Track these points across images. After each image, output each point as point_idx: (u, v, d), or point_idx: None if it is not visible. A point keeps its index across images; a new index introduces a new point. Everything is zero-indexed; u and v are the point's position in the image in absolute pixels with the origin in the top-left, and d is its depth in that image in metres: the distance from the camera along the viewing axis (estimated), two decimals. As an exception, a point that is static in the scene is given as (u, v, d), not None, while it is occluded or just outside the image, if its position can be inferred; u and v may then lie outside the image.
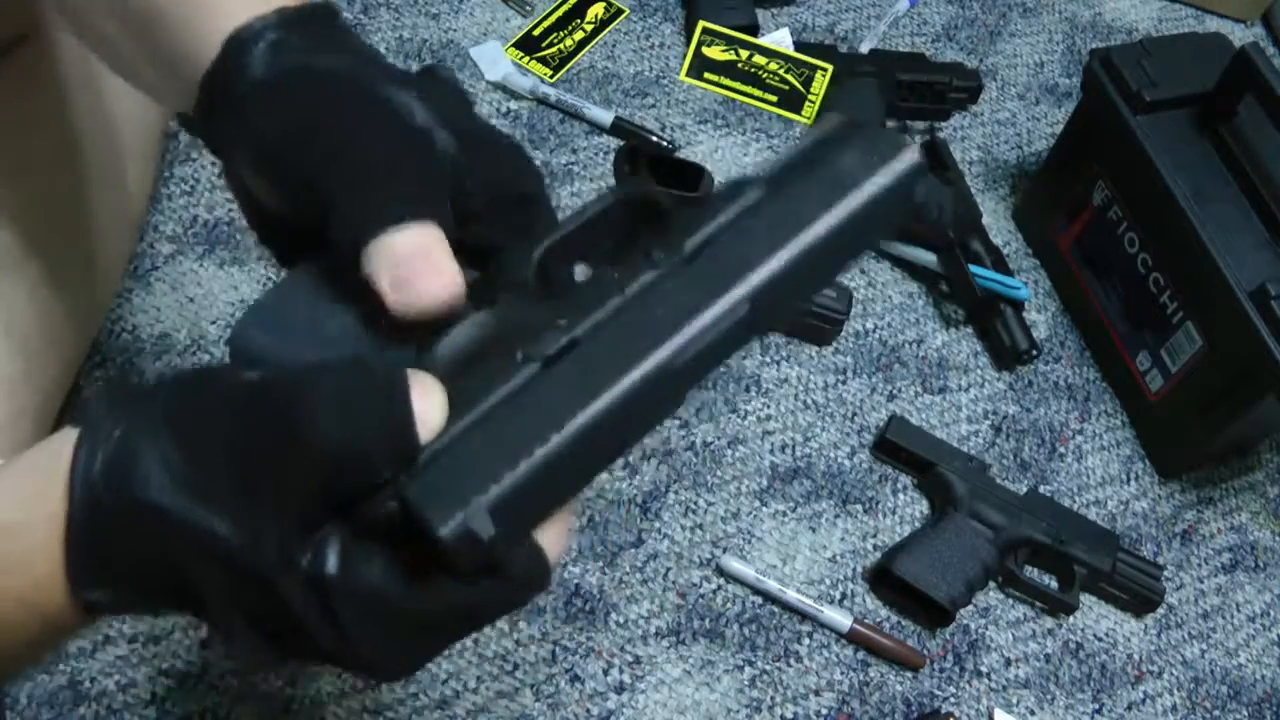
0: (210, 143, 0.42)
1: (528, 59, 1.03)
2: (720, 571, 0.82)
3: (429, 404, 0.34)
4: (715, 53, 1.06)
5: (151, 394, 0.36)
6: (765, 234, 0.38)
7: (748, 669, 0.79)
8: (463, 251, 0.39)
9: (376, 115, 0.39)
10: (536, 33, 1.05)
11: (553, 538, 0.37)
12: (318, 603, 0.33)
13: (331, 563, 0.33)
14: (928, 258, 0.97)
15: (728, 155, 1.02)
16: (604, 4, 1.08)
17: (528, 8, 1.07)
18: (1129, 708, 0.84)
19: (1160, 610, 0.88)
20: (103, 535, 0.34)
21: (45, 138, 0.69)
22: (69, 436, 0.35)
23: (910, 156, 0.40)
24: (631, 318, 0.37)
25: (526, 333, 0.37)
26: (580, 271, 0.42)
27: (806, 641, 0.81)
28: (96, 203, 0.74)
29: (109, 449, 0.34)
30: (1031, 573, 0.87)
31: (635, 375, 0.36)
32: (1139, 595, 0.86)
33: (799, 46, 1.08)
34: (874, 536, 0.86)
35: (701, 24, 1.06)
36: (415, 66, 1.05)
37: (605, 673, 0.76)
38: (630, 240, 0.41)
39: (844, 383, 0.92)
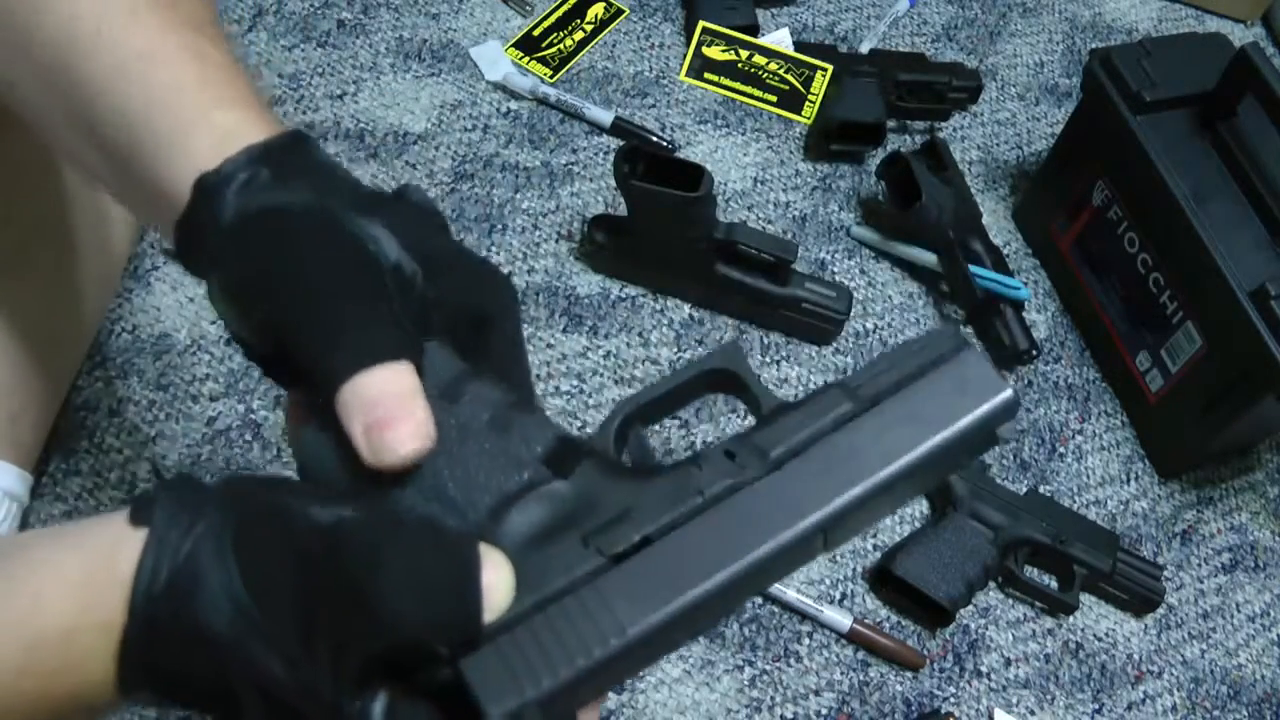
0: (196, 275, 0.42)
1: (528, 59, 1.03)
2: (720, 571, 0.81)
3: (498, 586, 0.35)
4: (715, 53, 1.06)
5: (219, 505, 0.36)
6: (849, 461, 0.38)
7: (748, 669, 0.79)
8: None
9: (344, 252, 0.39)
10: (536, 33, 1.05)
11: (589, 715, 0.38)
12: None
13: (378, 715, 0.34)
14: (928, 258, 0.97)
15: (728, 155, 1.02)
16: (604, 4, 1.08)
17: (528, 8, 1.07)
18: (1129, 708, 0.84)
19: (1160, 610, 0.88)
20: (158, 652, 0.35)
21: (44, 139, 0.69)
22: (126, 536, 0.35)
23: (1005, 398, 0.39)
24: (705, 528, 0.37)
25: (601, 514, 0.38)
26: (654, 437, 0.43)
27: (806, 641, 0.81)
28: (96, 202, 0.74)
29: (174, 566, 0.34)
30: (1031, 573, 0.87)
31: (699, 590, 0.36)
32: (1139, 595, 0.86)
33: (799, 46, 1.08)
34: (874, 536, 0.86)
35: (701, 24, 1.06)
36: (415, 67, 1.05)
37: None
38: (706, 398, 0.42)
39: (844, 383, 0.92)
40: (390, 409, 0.37)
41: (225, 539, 0.35)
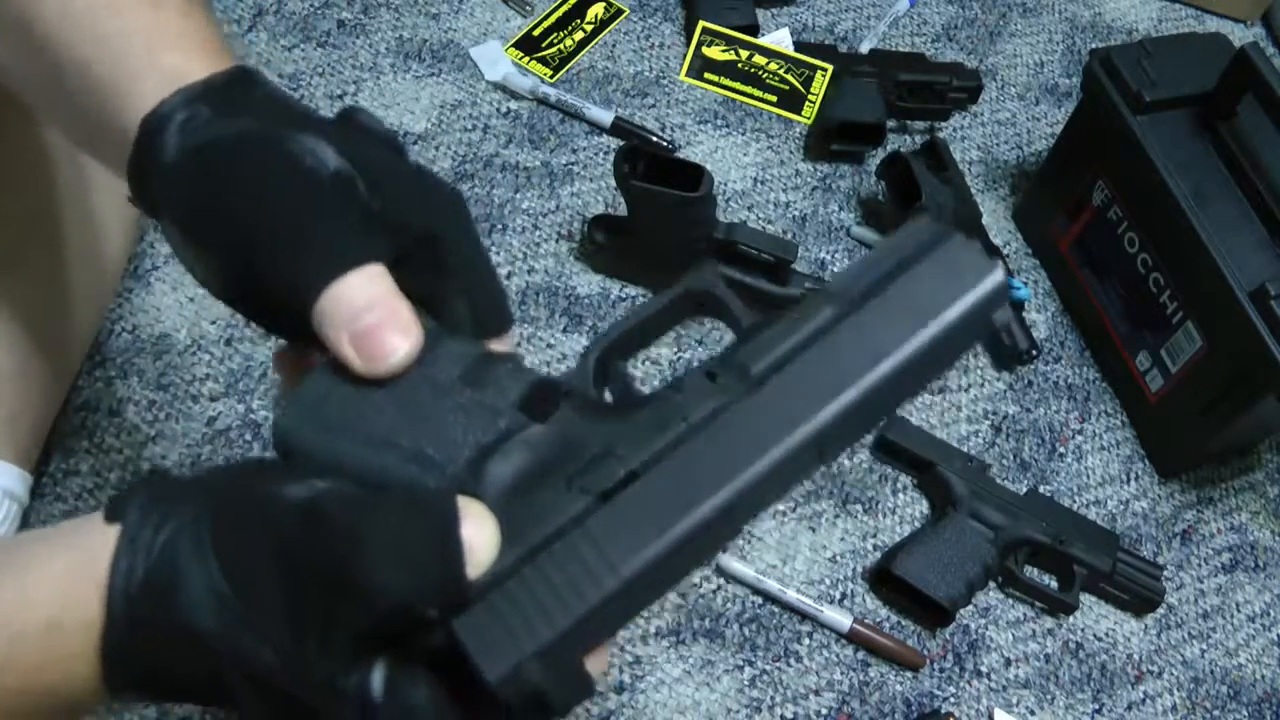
0: (154, 217, 0.42)
1: (528, 59, 1.03)
2: (720, 571, 0.81)
3: (481, 540, 0.34)
4: (715, 53, 1.06)
5: (192, 498, 0.35)
6: (835, 367, 0.36)
7: (748, 669, 0.79)
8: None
9: (286, 169, 0.39)
10: (536, 33, 1.05)
11: (594, 659, 0.37)
12: None
13: (377, 687, 0.33)
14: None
15: (728, 155, 1.02)
16: (604, 4, 1.08)
17: (528, 8, 1.07)
18: (1129, 708, 0.84)
19: (1160, 610, 0.88)
20: (143, 649, 0.34)
21: (43, 137, 0.69)
22: (105, 533, 0.35)
23: (994, 279, 0.37)
24: (692, 453, 0.35)
25: (584, 454, 0.36)
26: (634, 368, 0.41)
27: (806, 641, 0.81)
28: (96, 202, 0.74)
29: (149, 563, 0.34)
30: (1031, 573, 0.87)
31: (692, 519, 0.34)
32: (1139, 595, 0.86)
33: (799, 46, 1.08)
34: (874, 536, 0.86)
35: (701, 24, 1.06)
36: (415, 67, 1.05)
37: (605, 673, 0.76)
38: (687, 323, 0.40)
39: (844, 383, 0.92)
40: (374, 314, 0.37)
41: (202, 531, 0.34)
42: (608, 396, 0.40)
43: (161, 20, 0.43)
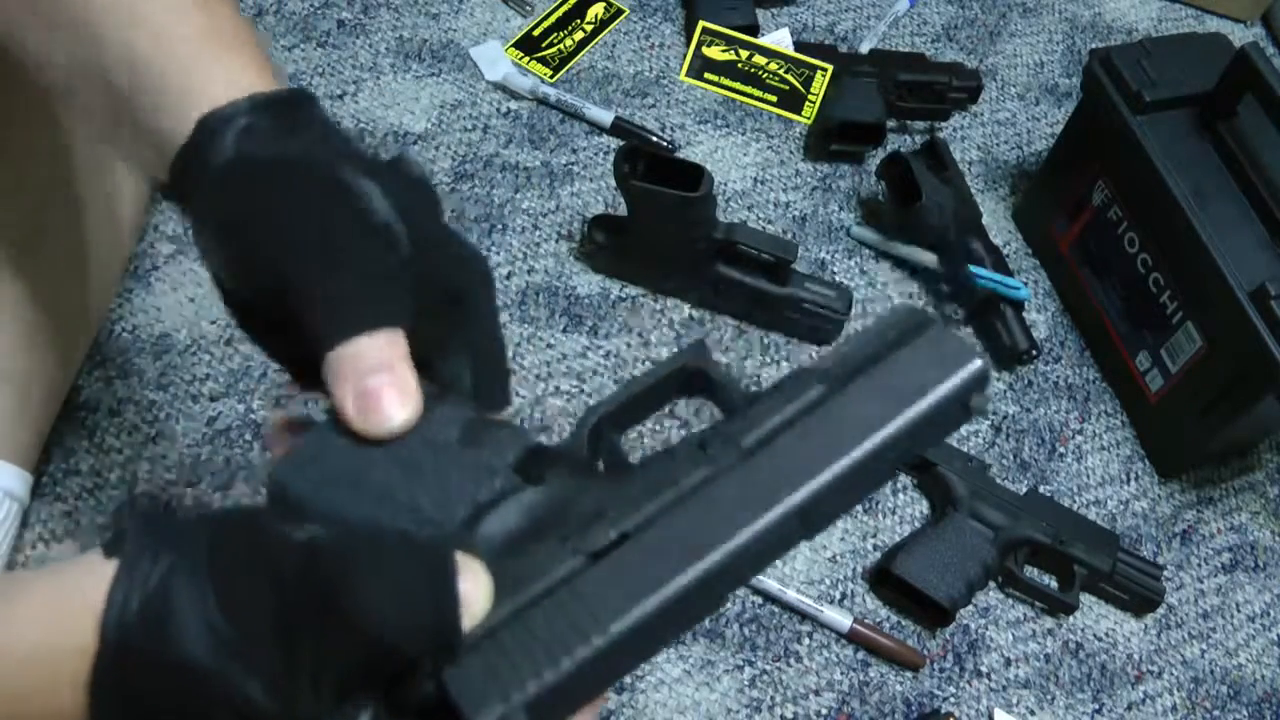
0: (183, 214, 0.42)
1: (528, 59, 1.03)
2: (720, 571, 0.81)
3: (475, 592, 0.35)
4: (715, 53, 1.06)
5: (191, 534, 0.35)
6: (822, 441, 0.37)
7: (748, 669, 0.79)
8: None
9: (338, 206, 0.39)
10: (536, 33, 1.05)
11: (584, 717, 0.37)
12: None
13: None
14: (928, 258, 0.97)
15: (728, 155, 1.02)
16: (604, 4, 1.08)
17: (528, 8, 1.07)
18: (1129, 708, 0.84)
19: (1160, 610, 0.88)
20: (131, 680, 0.34)
21: (43, 137, 0.69)
22: (101, 567, 0.35)
23: (974, 366, 0.39)
24: (682, 519, 0.37)
25: (576, 517, 0.37)
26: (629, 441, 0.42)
27: (806, 641, 0.81)
28: (96, 202, 0.74)
29: (146, 593, 0.34)
30: (1031, 573, 0.87)
31: (680, 582, 0.35)
32: (1139, 595, 0.86)
33: (799, 46, 1.08)
34: (874, 536, 0.86)
35: (701, 24, 1.06)
36: (415, 67, 1.05)
37: None
38: (680, 398, 0.41)
39: (844, 383, 0.92)
40: (381, 377, 0.37)
41: (199, 564, 0.34)
42: (600, 466, 0.41)
43: (215, 23, 0.43)
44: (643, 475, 0.38)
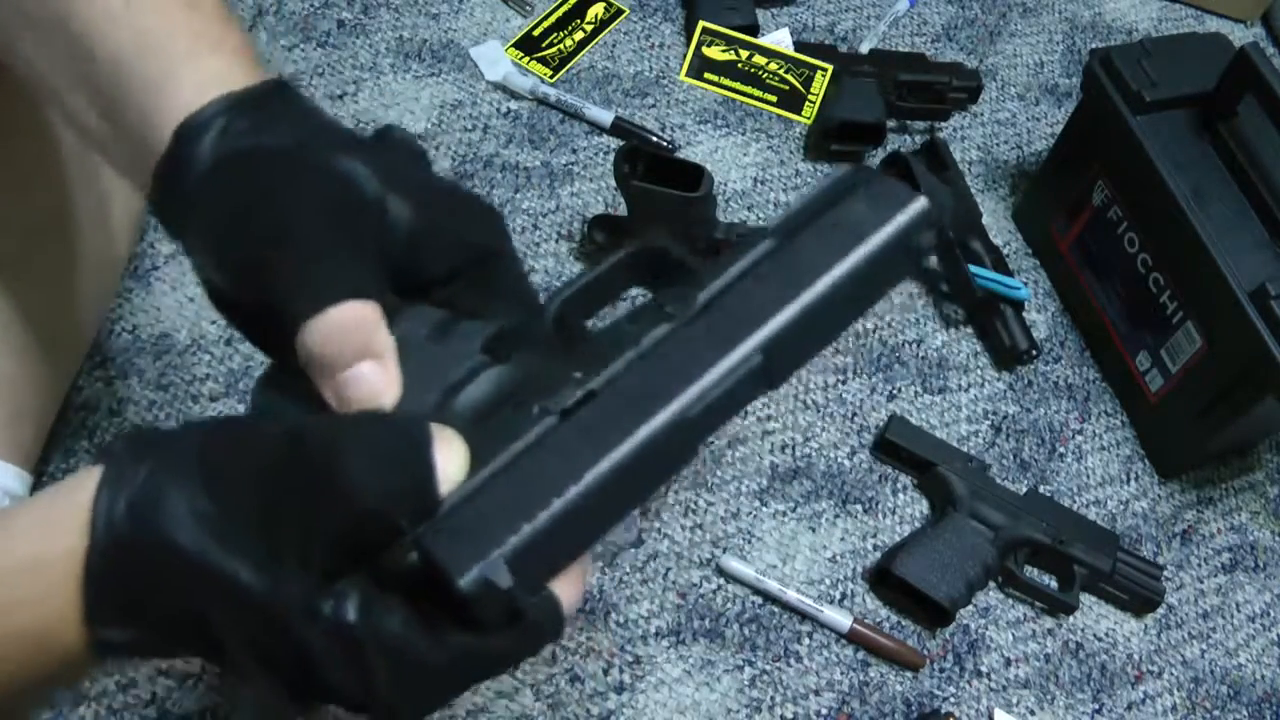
0: (167, 228, 0.43)
1: (528, 59, 1.03)
2: (720, 571, 0.82)
3: (450, 457, 0.36)
4: (715, 53, 1.06)
5: (178, 438, 0.36)
6: (776, 285, 0.39)
7: (748, 669, 0.79)
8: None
9: (319, 190, 0.39)
10: (536, 33, 1.05)
11: (568, 587, 0.37)
12: (338, 649, 0.34)
13: (352, 611, 0.34)
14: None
15: (728, 155, 1.02)
16: (604, 4, 1.08)
17: (528, 8, 1.07)
18: (1129, 708, 0.84)
19: (1160, 610, 0.88)
20: (123, 573, 0.34)
21: (44, 137, 0.69)
22: (90, 474, 0.35)
23: (917, 206, 0.40)
24: (646, 370, 0.37)
25: (544, 385, 0.38)
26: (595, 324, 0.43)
27: (806, 641, 0.81)
28: (94, 202, 0.74)
29: (134, 488, 0.34)
30: (1031, 573, 0.87)
31: (650, 427, 0.36)
32: (1139, 595, 0.86)
33: (799, 46, 1.08)
34: (874, 536, 0.86)
35: (701, 24, 1.06)
36: (415, 67, 1.05)
37: (605, 673, 0.77)
38: (646, 287, 0.42)
39: (844, 383, 0.92)
40: (349, 350, 0.38)
41: (187, 461, 0.35)
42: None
43: (198, 22, 0.43)
44: (604, 340, 0.39)
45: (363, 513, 0.34)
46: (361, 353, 0.38)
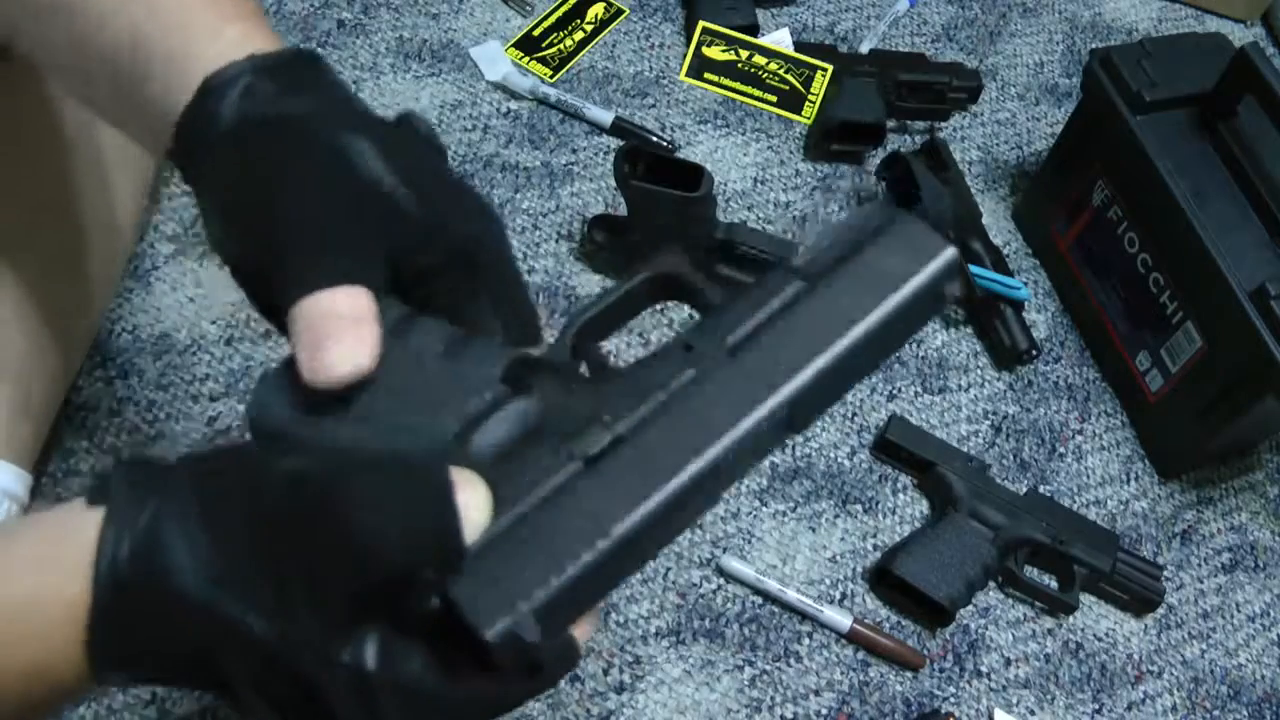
0: (185, 177, 0.43)
1: (528, 59, 1.03)
2: (720, 571, 0.82)
3: (474, 504, 0.35)
4: (715, 53, 1.06)
5: (178, 476, 0.35)
6: (806, 335, 0.38)
7: (748, 669, 0.79)
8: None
9: (330, 169, 0.39)
10: (536, 33, 1.05)
11: (582, 627, 0.37)
12: (354, 697, 0.33)
13: (371, 657, 0.33)
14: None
15: (728, 155, 1.02)
16: (604, 4, 1.08)
17: (528, 8, 1.07)
18: (1129, 708, 0.84)
19: (1160, 610, 0.88)
20: (127, 621, 0.34)
21: (43, 137, 0.69)
22: (87, 515, 0.34)
23: (947, 256, 0.40)
24: (674, 418, 0.37)
25: (568, 423, 0.37)
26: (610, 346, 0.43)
27: (806, 641, 0.81)
28: (96, 202, 0.74)
29: (135, 535, 0.34)
30: (1031, 573, 0.87)
31: (678, 481, 0.36)
32: (1139, 595, 0.86)
33: (799, 46, 1.08)
34: (874, 536, 0.86)
35: (701, 24, 1.06)
36: (415, 67, 1.05)
37: (605, 673, 0.77)
38: (658, 308, 0.42)
39: (844, 383, 0.92)
40: (333, 328, 0.37)
41: (186, 503, 0.34)
42: (584, 371, 0.42)
43: None
44: (631, 377, 0.39)
45: (376, 565, 0.33)
46: (339, 330, 0.37)
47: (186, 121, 0.40)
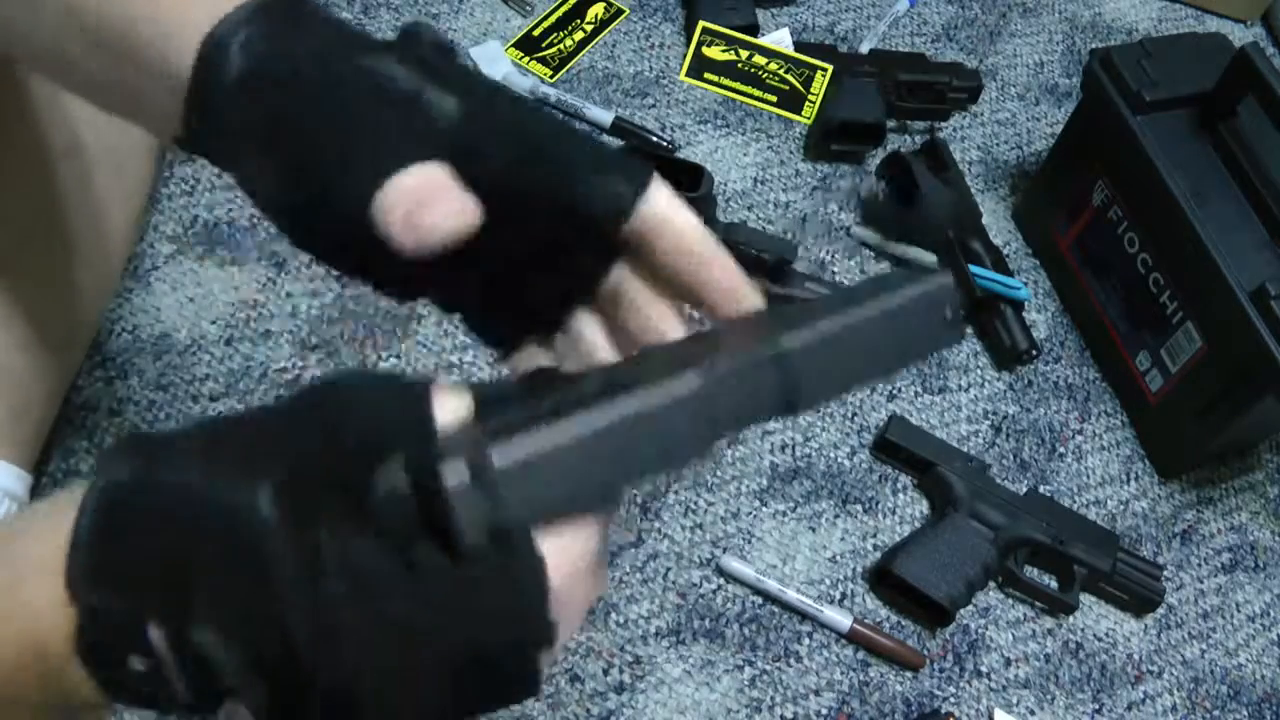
0: (209, 156, 0.42)
1: (528, 59, 1.03)
2: (720, 571, 0.82)
3: (448, 394, 0.34)
4: (715, 53, 1.06)
5: (171, 431, 0.36)
6: (805, 313, 0.39)
7: (748, 669, 0.79)
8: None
9: (357, 88, 0.39)
10: (536, 33, 1.05)
11: (589, 579, 0.35)
12: (303, 580, 0.31)
13: (327, 533, 0.31)
14: (928, 258, 0.97)
15: (728, 155, 1.02)
16: (604, 4, 1.08)
17: (528, 8, 1.07)
18: (1129, 708, 0.84)
19: (1160, 610, 0.88)
20: (107, 523, 0.33)
21: (43, 136, 0.69)
22: (78, 489, 0.34)
23: (943, 280, 0.42)
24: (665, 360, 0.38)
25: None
26: None
27: (806, 641, 0.81)
28: (97, 201, 0.74)
29: (131, 452, 0.34)
30: (1031, 573, 0.87)
31: (663, 394, 0.35)
32: (1139, 595, 0.86)
33: (799, 46, 1.08)
34: (874, 536, 0.86)
35: (701, 24, 1.06)
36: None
37: (605, 673, 0.77)
38: None
39: (844, 383, 0.92)
40: (427, 195, 0.37)
41: (182, 436, 0.34)
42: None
43: None
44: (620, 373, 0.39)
45: (354, 429, 0.33)
46: (444, 197, 0.37)
47: (193, 94, 0.40)
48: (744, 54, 1.06)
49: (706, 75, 1.06)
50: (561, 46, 1.05)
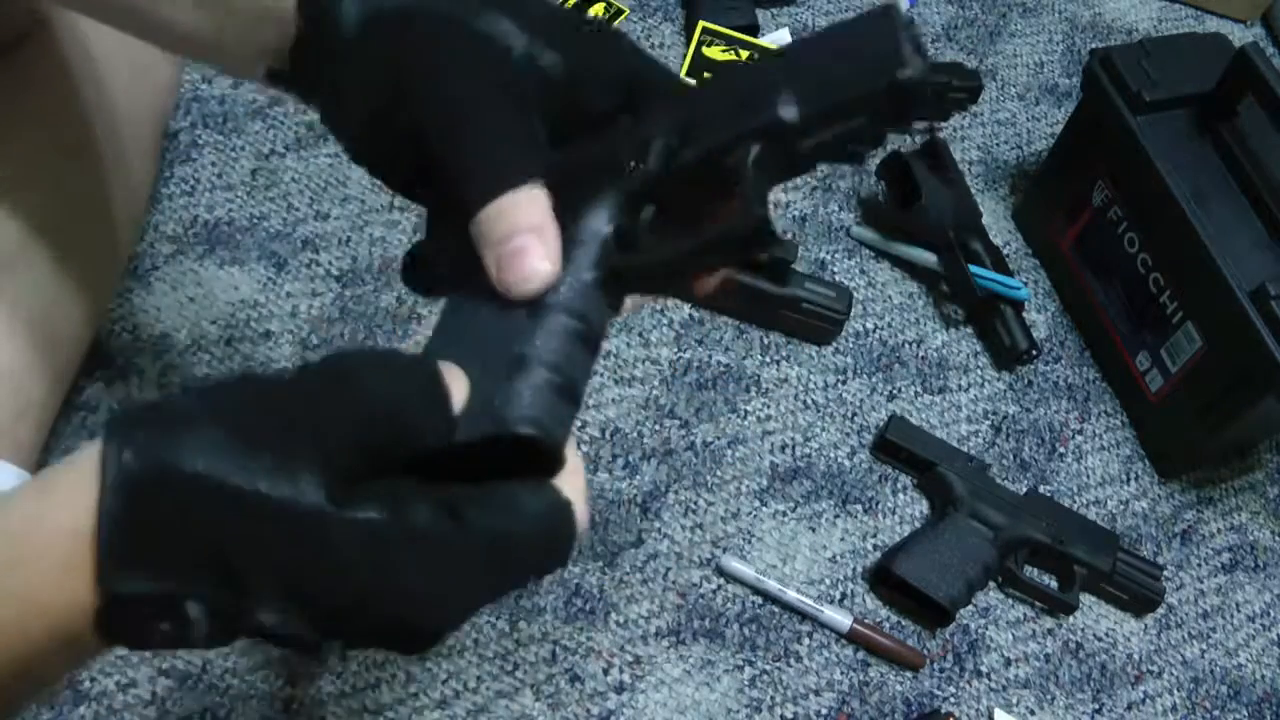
0: (303, 96, 0.43)
1: (528, 59, 1.03)
2: (720, 571, 0.82)
3: (455, 375, 0.37)
4: (715, 53, 1.06)
5: (184, 392, 0.37)
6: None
7: (748, 669, 0.79)
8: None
9: (477, 57, 0.40)
10: (536, 33, 1.05)
11: (578, 503, 0.38)
12: (369, 552, 0.33)
13: (376, 509, 0.34)
14: (928, 258, 0.97)
15: (728, 155, 1.02)
16: (604, 4, 1.08)
17: (528, 8, 1.07)
18: (1129, 708, 0.84)
19: (1160, 610, 0.88)
20: (138, 512, 0.33)
21: (44, 137, 0.69)
22: (92, 445, 0.34)
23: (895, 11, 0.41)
24: None
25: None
26: None
27: (806, 641, 0.81)
28: (96, 201, 0.74)
29: (141, 434, 0.33)
30: (1031, 573, 0.87)
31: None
32: (1139, 595, 0.86)
33: (799, 46, 1.08)
34: (874, 536, 0.86)
35: (701, 24, 1.06)
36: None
37: (605, 673, 0.77)
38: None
39: (844, 383, 0.92)
40: (525, 238, 0.38)
41: (194, 401, 0.35)
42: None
43: None
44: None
45: (376, 412, 0.34)
46: (531, 239, 0.38)
47: (303, 37, 0.40)
48: (744, 54, 1.06)
49: (707, 75, 1.05)
50: (561, 46, 1.05)
